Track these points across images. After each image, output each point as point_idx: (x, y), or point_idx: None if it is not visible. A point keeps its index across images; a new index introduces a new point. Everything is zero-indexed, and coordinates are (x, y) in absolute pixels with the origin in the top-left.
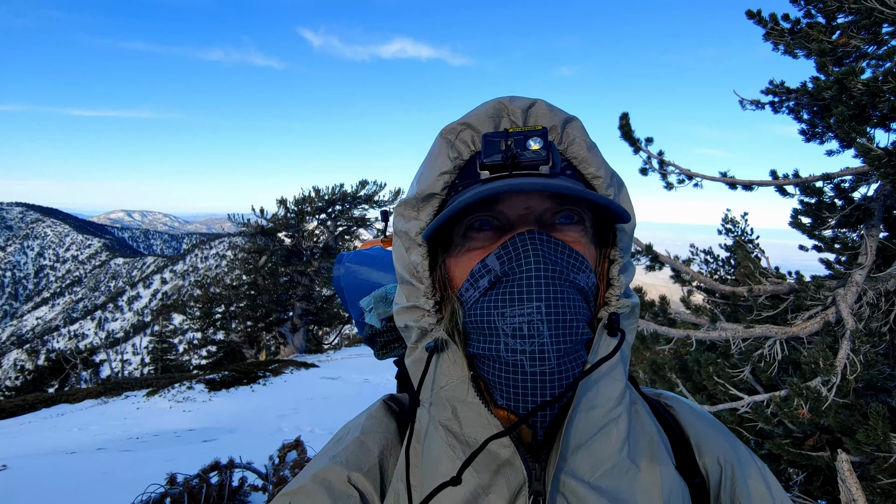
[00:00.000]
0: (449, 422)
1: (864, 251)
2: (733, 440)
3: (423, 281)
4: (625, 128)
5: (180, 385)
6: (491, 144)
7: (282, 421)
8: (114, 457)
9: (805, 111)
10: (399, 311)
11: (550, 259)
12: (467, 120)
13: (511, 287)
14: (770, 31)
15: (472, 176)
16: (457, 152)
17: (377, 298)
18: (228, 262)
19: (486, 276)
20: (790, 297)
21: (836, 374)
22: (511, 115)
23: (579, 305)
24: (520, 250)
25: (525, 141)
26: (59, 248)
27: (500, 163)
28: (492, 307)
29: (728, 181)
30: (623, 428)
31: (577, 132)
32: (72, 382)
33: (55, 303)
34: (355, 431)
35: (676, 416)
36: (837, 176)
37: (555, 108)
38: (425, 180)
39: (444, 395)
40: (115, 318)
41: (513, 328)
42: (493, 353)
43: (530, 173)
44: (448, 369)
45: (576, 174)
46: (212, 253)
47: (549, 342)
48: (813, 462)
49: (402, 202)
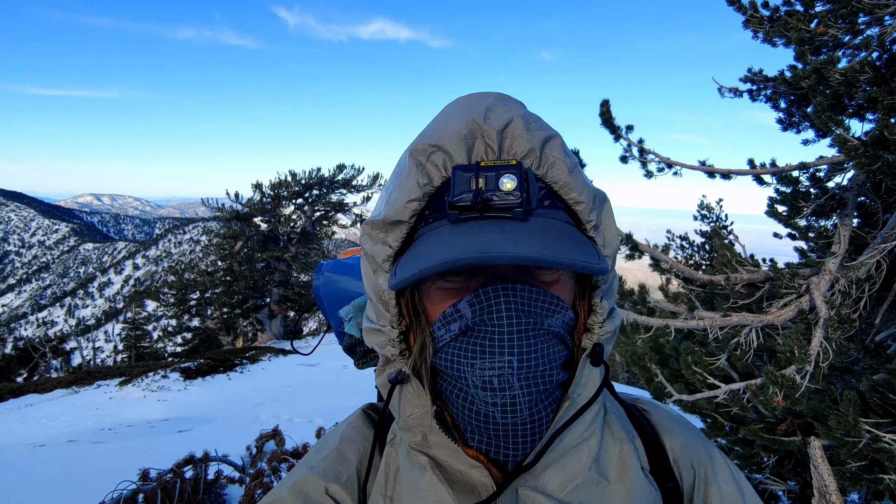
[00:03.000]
0: (419, 445)
1: (838, 240)
2: (708, 445)
3: (390, 309)
4: (605, 115)
5: (154, 374)
6: (461, 181)
7: (259, 409)
8: (85, 449)
9: (783, 100)
10: (367, 330)
11: (524, 310)
12: (438, 141)
13: (482, 339)
14: (749, 18)
15: (443, 208)
16: (427, 178)
17: (357, 308)
18: (203, 247)
19: (458, 322)
20: (766, 284)
21: (810, 362)
22: (486, 138)
23: (553, 351)
24: (492, 301)
25: (498, 178)
26: (24, 233)
27: (470, 205)
28: (461, 356)
29: (707, 170)
30: (595, 444)
31: (558, 153)
32: (41, 371)
33: (21, 289)
34: (334, 440)
35: (652, 420)
36: (813, 165)
37: (533, 124)
38: (394, 204)
39: (411, 423)
40: (86, 305)
41: (482, 381)
42: (464, 399)
43: (502, 216)
44: (412, 400)
45: (556, 202)
46: (185, 238)
47: (520, 394)
48: (784, 446)
49: (370, 221)
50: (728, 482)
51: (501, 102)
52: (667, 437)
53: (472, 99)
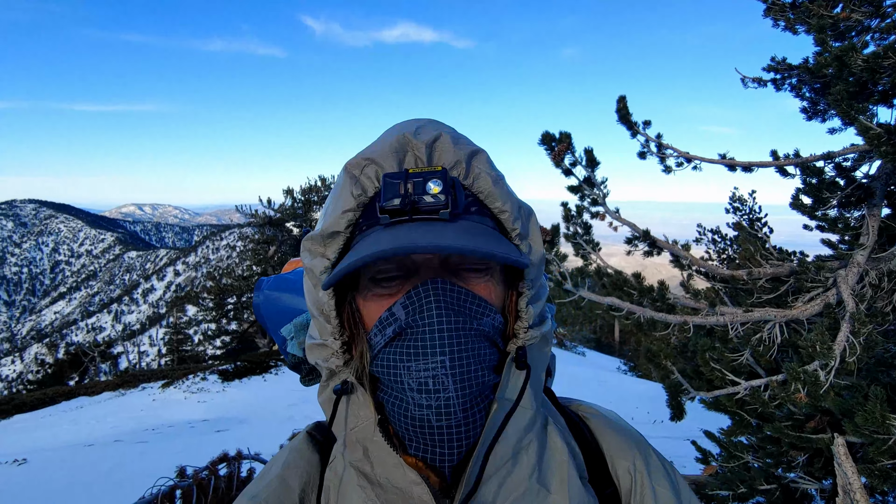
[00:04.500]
0: (360, 462)
1: (866, 231)
2: (644, 448)
3: (331, 321)
4: (622, 111)
5: (195, 376)
6: (390, 187)
7: (293, 409)
8: (130, 448)
9: (806, 88)
10: (310, 347)
11: (454, 310)
12: (371, 155)
13: (415, 340)
14: (770, 6)
15: (375, 216)
16: (361, 189)
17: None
18: (239, 252)
19: (392, 325)
20: (790, 279)
21: (834, 358)
22: (415, 150)
23: (484, 353)
24: (423, 301)
25: (425, 183)
26: (73, 243)
27: (398, 208)
28: (397, 359)
29: (727, 163)
30: (533, 454)
31: (483, 166)
32: (90, 375)
33: (72, 297)
34: (277, 467)
35: (591, 427)
36: (839, 155)
37: (461, 140)
38: (330, 216)
39: (354, 437)
40: (131, 311)
41: (418, 383)
42: (400, 406)
43: (430, 218)
44: (357, 411)
45: (482, 210)
46: (222, 244)
47: (454, 395)
48: (813, 444)
49: (309, 236)
50: (663, 486)
51: (432, 124)
52: (604, 443)
53: (405, 122)
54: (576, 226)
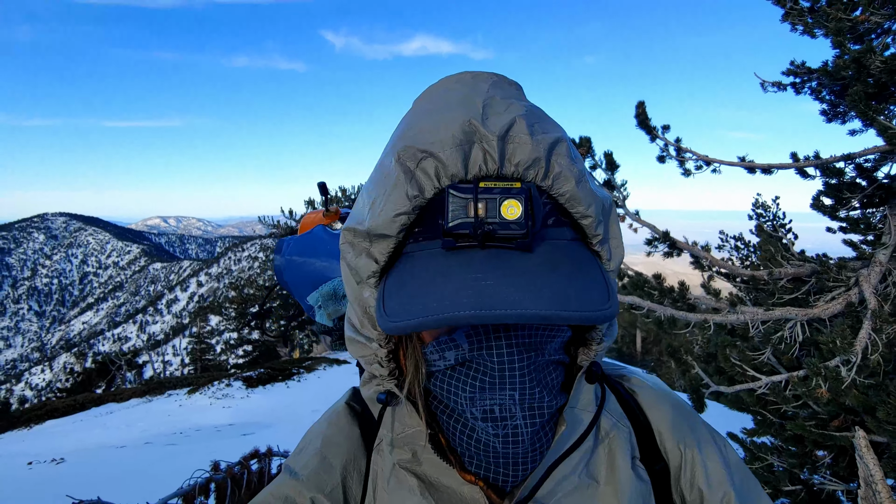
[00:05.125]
0: (410, 464)
1: (888, 230)
2: (694, 421)
3: (377, 327)
4: (641, 116)
5: (219, 383)
6: (457, 206)
7: (316, 415)
8: (160, 450)
9: (826, 91)
10: (350, 340)
11: (524, 343)
12: (430, 147)
13: (482, 374)
14: (788, 11)
15: (433, 228)
16: (417, 189)
17: (325, 297)
18: (260, 263)
19: (454, 351)
20: (812, 279)
21: (855, 354)
22: (484, 143)
23: (553, 378)
24: (491, 336)
25: (500, 203)
26: (100, 255)
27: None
28: (460, 388)
29: (747, 165)
30: (584, 448)
31: (564, 161)
32: (117, 383)
33: (99, 308)
34: (316, 442)
35: (639, 400)
36: (859, 155)
37: (537, 125)
38: (379, 217)
39: (402, 441)
40: (156, 321)
41: (483, 411)
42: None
43: (503, 245)
44: (405, 419)
45: (560, 218)
46: (244, 255)
47: (521, 424)
48: (837, 442)
49: (352, 228)
50: (714, 460)
51: (499, 93)
52: (653, 417)
53: (463, 86)
54: None
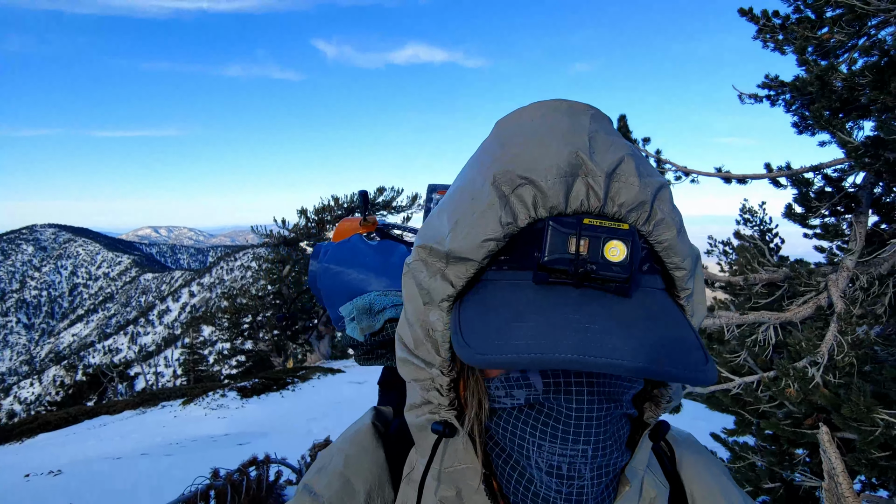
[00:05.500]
0: (452, 502)
1: (854, 237)
2: (727, 487)
3: (441, 352)
4: (623, 129)
5: (214, 393)
6: (557, 239)
7: (311, 424)
8: (157, 460)
9: (797, 104)
10: (403, 360)
11: (605, 392)
12: (531, 174)
13: (554, 421)
14: (762, 27)
15: (523, 257)
16: (511, 217)
17: (360, 310)
18: (253, 273)
19: (525, 391)
20: (785, 283)
21: (821, 356)
22: (590, 178)
23: (622, 434)
24: (572, 381)
25: (603, 243)
26: (90, 266)
27: (565, 270)
28: (527, 432)
29: (723, 176)
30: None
31: (667, 207)
32: (109, 396)
33: (89, 319)
34: (338, 461)
35: (676, 456)
36: (827, 166)
37: (642, 168)
38: (464, 240)
39: (448, 474)
40: (147, 332)
41: (549, 465)
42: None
43: (599, 288)
44: (457, 455)
45: (654, 265)
46: (237, 265)
47: (588, 484)
48: (810, 440)
49: (428, 246)
50: None
51: (602, 128)
52: (686, 476)
53: (563, 116)
54: None
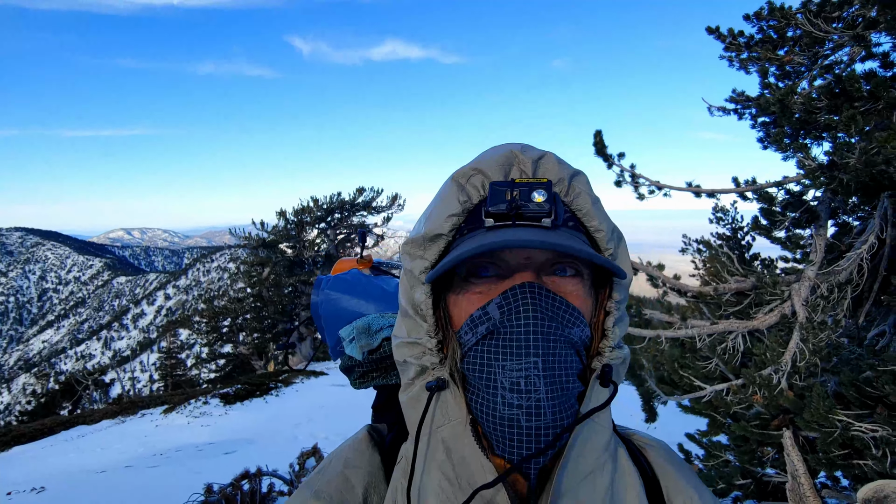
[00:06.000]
0: (442, 465)
1: (815, 249)
2: (698, 484)
3: (427, 319)
4: (599, 144)
5: (196, 400)
6: (497, 193)
7: (297, 430)
8: (143, 473)
9: (762, 119)
10: (399, 345)
11: (548, 314)
12: (479, 165)
13: (509, 340)
14: (729, 45)
15: (478, 221)
16: (466, 196)
17: (360, 330)
18: (231, 274)
19: (485, 324)
20: (752, 292)
21: (785, 364)
22: (521, 165)
23: (572, 360)
24: (519, 303)
25: (530, 192)
26: (60, 270)
27: (504, 212)
28: (491, 357)
29: (694, 190)
30: (607, 474)
31: (583, 186)
32: (84, 404)
33: (60, 325)
34: (338, 464)
35: (649, 458)
36: (789, 182)
37: (563, 161)
38: (434, 220)
39: (439, 436)
40: (121, 337)
41: (511, 382)
42: (489, 405)
43: (533, 224)
44: (447, 410)
45: (578, 226)
46: (213, 266)
47: (544, 397)
48: (776, 440)
49: (409, 240)
50: None
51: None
52: (661, 475)
53: (510, 143)
54: None
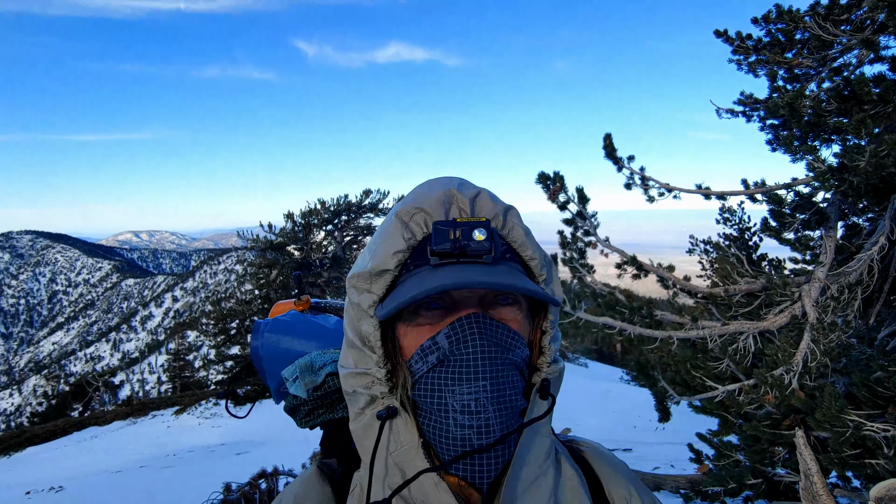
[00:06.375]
0: (398, 485)
1: (825, 250)
2: (633, 478)
3: (376, 350)
4: (608, 148)
5: (206, 402)
6: (440, 233)
7: (307, 432)
8: (157, 473)
9: (770, 122)
10: (347, 375)
11: (493, 341)
12: (421, 204)
13: (459, 367)
14: (737, 48)
15: (423, 258)
16: (410, 233)
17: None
18: (238, 276)
19: (435, 353)
20: (763, 294)
21: (797, 364)
22: (459, 203)
23: (516, 380)
24: (466, 332)
25: (471, 231)
26: (70, 272)
27: (448, 251)
28: (442, 383)
29: (704, 192)
30: (551, 479)
31: (516, 220)
32: (94, 406)
33: (70, 327)
34: (289, 500)
35: (587, 458)
36: (798, 184)
37: (496, 197)
38: (379, 256)
39: (393, 460)
40: (130, 339)
41: (462, 405)
42: (441, 427)
43: (475, 261)
44: (399, 436)
45: (514, 257)
46: (220, 268)
47: (493, 416)
48: (787, 440)
49: (355, 274)
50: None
51: (468, 182)
52: (601, 474)
53: (443, 178)
54: (571, 251)
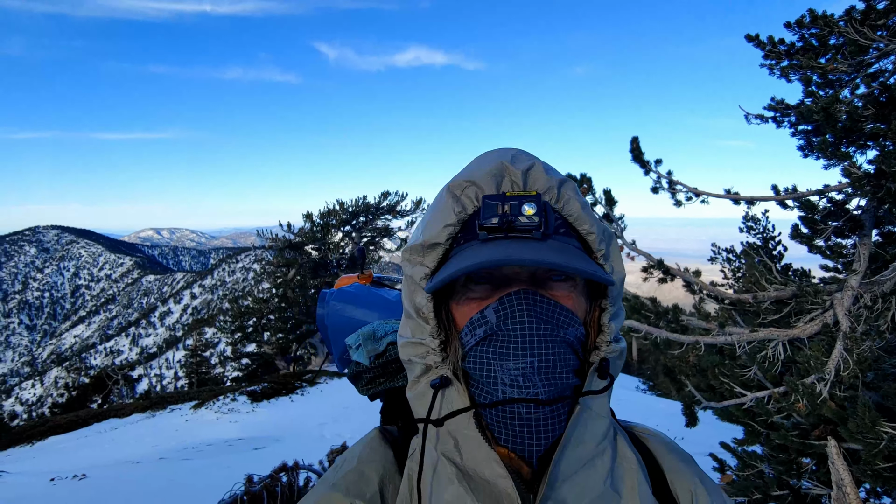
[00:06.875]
0: (451, 453)
1: (858, 258)
2: (701, 472)
3: (430, 321)
4: (635, 151)
5: (224, 397)
6: (489, 207)
7: (323, 429)
8: (176, 465)
9: (802, 127)
10: (404, 344)
11: (542, 318)
12: (472, 178)
13: (507, 342)
14: (768, 52)
15: (473, 232)
16: (461, 207)
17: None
18: (256, 275)
19: (483, 327)
20: (792, 301)
21: (829, 372)
22: (512, 176)
23: (567, 358)
24: (514, 308)
25: (520, 206)
26: (93, 267)
27: (496, 226)
28: (490, 357)
29: (732, 197)
30: (608, 460)
31: (572, 192)
32: (113, 399)
33: (91, 321)
34: (352, 461)
35: (650, 447)
36: (831, 190)
37: (552, 170)
38: (431, 230)
39: (446, 428)
40: (149, 334)
41: (510, 378)
42: (491, 399)
43: (523, 236)
44: (451, 404)
45: (569, 231)
46: (238, 267)
47: (542, 391)
48: (817, 450)
49: (408, 248)
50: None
51: (524, 153)
52: (664, 463)
53: (499, 150)
54: None
